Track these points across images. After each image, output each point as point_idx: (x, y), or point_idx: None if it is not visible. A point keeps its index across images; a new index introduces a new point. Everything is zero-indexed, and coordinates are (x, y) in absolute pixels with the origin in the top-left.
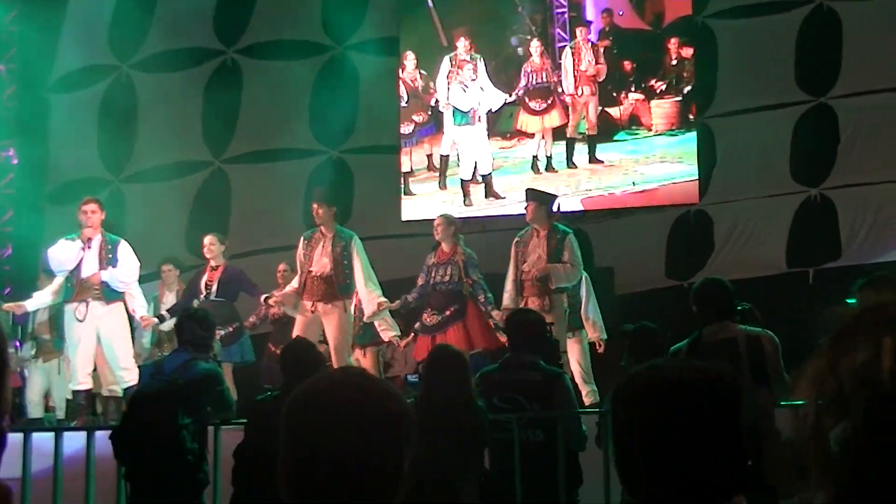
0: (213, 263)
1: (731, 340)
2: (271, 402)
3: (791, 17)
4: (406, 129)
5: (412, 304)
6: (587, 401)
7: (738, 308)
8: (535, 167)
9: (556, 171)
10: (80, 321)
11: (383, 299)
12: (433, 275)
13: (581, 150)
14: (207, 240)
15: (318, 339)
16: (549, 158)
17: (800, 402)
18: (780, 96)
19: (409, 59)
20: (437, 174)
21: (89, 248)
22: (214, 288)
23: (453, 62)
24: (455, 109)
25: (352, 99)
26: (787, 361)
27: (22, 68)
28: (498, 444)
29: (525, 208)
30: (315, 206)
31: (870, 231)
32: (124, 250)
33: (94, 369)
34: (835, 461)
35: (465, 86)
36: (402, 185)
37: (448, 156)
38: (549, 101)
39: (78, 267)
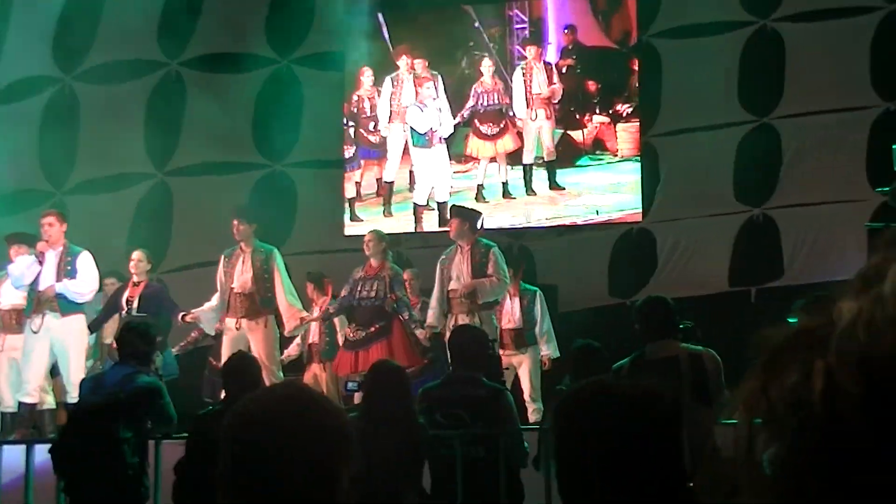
0: (135, 279)
1: (674, 358)
2: (213, 417)
3: (735, 37)
4: (350, 151)
5: (333, 315)
6: (532, 418)
7: (681, 326)
8: (479, 196)
9: (513, 198)
10: (35, 332)
11: (305, 313)
12: (359, 289)
13: (541, 175)
14: (136, 255)
15: None
16: (504, 185)
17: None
18: (724, 116)
19: (366, 76)
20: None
21: (44, 261)
22: (136, 304)
23: (395, 83)
24: (412, 130)
25: (295, 113)
26: (729, 380)
27: None
28: (439, 460)
29: (448, 226)
30: (235, 222)
31: (811, 251)
32: (83, 262)
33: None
34: (767, 482)
35: (424, 105)
36: (348, 210)
37: (392, 182)
38: (502, 125)
39: (36, 281)
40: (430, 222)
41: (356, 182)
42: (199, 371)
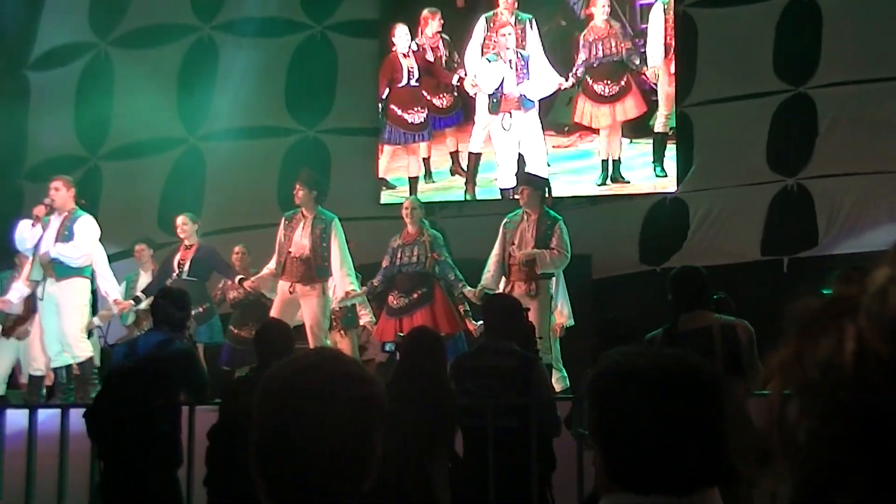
0: (186, 242)
1: (707, 329)
2: (244, 383)
3: (771, 7)
4: (416, 117)
5: (378, 288)
6: (557, 387)
7: (714, 297)
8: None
9: (627, 183)
10: (41, 300)
11: (352, 288)
12: (399, 256)
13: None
14: (180, 220)
15: (294, 319)
16: (615, 163)
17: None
18: (760, 85)
19: (432, 20)
20: (465, 180)
21: (47, 226)
22: (187, 267)
23: (491, 24)
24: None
25: (330, 79)
26: (761, 349)
27: (1, 46)
28: (471, 429)
29: (519, 192)
30: (296, 186)
31: (846, 221)
32: (81, 225)
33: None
34: (800, 451)
35: (499, 57)
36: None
37: (479, 154)
38: (623, 83)
39: (37, 245)
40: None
41: (423, 158)
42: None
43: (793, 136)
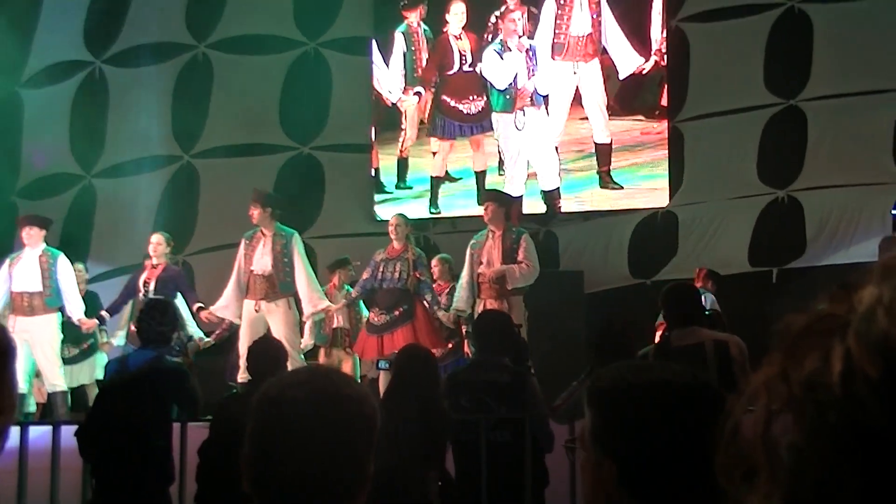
0: (153, 262)
1: (699, 346)
2: (238, 400)
3: (762, 20)
4: (472, 106)
5: (356, 299)
6: None
7: (706, 313)
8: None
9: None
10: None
11: (326, 301)
12: (381, 270)
13: None
14: (155, 238)
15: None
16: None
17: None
18: (751, 99)
19: (456, 12)
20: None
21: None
22: (152, 286)
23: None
24: (491, 89)
25: (323, 96)
26: (751, 360)
27: None
28: (464, 445)
29: (483, 209)
30: (251, 207)
31: (835, 233)
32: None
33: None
34: (784, 466)
35: (508, 49)
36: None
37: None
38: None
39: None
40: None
41: (442, 158)
42: (225, 355)
43: (784, 148)
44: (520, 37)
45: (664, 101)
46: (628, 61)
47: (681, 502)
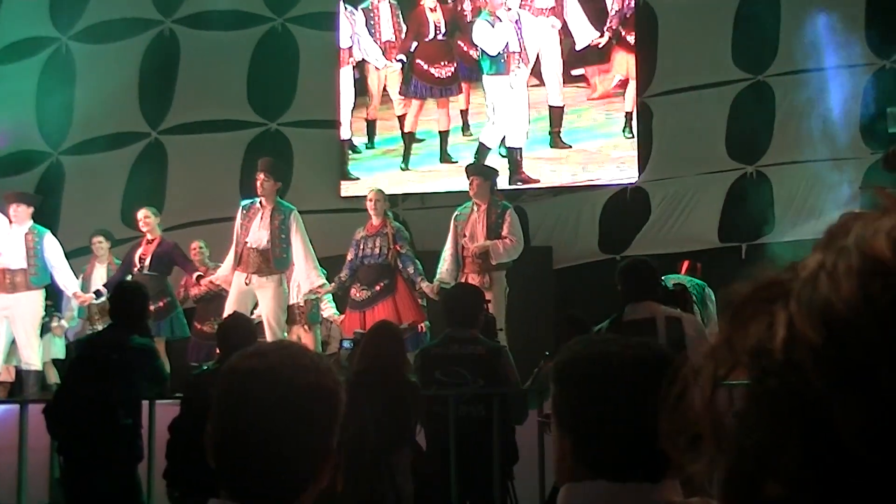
0: (148, 237)
1: (650, 320)
2: (208, 376)
3: None
4: (443, 71)
5: (347, 283)
6: None
7: (670, 288)
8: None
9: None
10: None
11: (321, 282)
12: (362, 247)
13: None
14: (142, 213)
15: (250, 311)
16: (557, 134)
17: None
18: (719, 74)
19: None
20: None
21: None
22: (148, 261)
23: None
24: (483, 54)
25: (290, 72)
26: None
27: None
28: (436, 418)
29: (469, 184)
30: (261, 176)
31: (803, 208)
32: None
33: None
34: (728, 433)
35: (497, 18)
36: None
37: (412, 134)
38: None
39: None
40: (444, 179)
41: (461, 110)
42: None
43: (752, 124)
44: (508, 9)
45: (612, 71)
46: (584, 33)
47: (635, 472)
